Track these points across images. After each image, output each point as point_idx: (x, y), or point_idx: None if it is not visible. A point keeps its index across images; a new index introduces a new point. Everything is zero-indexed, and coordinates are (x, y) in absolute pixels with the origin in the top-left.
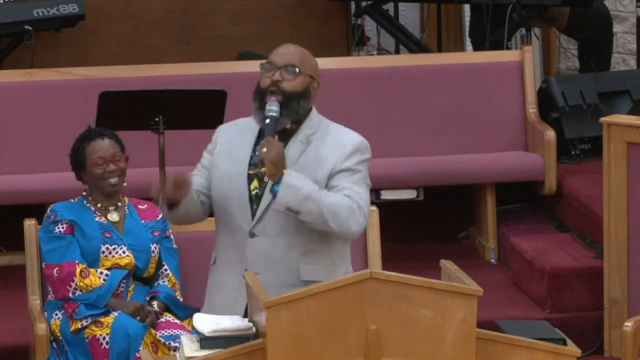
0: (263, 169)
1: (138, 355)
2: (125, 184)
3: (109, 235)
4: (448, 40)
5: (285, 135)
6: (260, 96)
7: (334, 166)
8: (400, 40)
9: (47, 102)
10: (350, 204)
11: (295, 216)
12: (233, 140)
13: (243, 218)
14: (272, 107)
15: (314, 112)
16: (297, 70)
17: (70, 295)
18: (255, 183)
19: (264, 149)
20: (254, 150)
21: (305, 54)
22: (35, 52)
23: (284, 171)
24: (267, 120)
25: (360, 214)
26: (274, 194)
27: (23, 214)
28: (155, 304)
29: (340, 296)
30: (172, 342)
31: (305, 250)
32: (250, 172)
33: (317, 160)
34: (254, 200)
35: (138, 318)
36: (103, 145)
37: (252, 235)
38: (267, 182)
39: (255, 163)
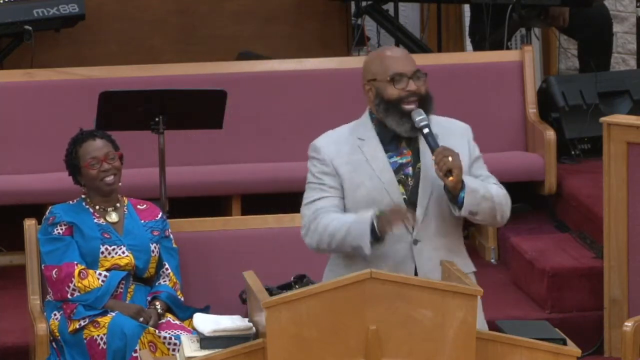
0: (450, 178)
1: (135, 355)
2: (120, 183)
3: (108, 236)
4: (448, 40)
5: (411, 140)
6: (394, 107)
7: (470, 155)
8: (400, 40)
9: (47, 102)
10: (505, 192)
11: (471, 218)
12: (348, 155)
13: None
14: (421, 117)
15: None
16: (422, 73)
17: (69, 296)
18: (401, 189)
19: (450, 158)
20: (389, 157)
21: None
22: (35, 52)
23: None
24: (426, 130)
25: (509, 199)
26: (460, 201)
27: (23, 214)
28: (157, 304)
29: (340, 296)
30: (173, 338)
31: (454, 249)
32: (397, 178)
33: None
34: (407, 206)
35: (141, 320)
36: (95, 146)
37: (415, 242)
38: (412, 187)
39: (395, 169)
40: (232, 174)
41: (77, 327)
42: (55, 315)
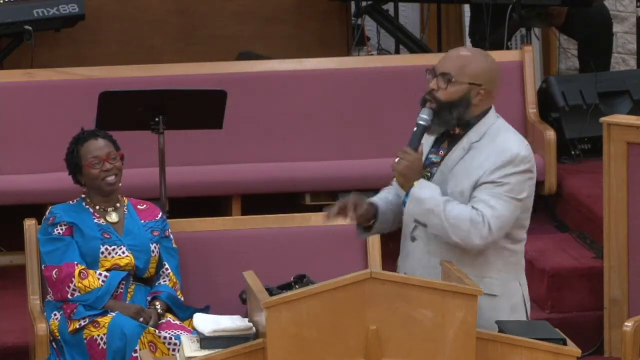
0: (394, 179)
1: (135, 355)
2: (120, 184)
3: (108, 236)
4: (448, 40)
5: (452, 140)
6: (422, 101)
7: (481, 177)
8: (400, 40)
9: (47, 102)
10: (474, 216)
11: (424, 228)
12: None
13: (407, 221)
14: (423, 116)
15: (489, 116)
16: (451, 79)
17: (69, 296)
18: None
19: (396, 159)
20: (430, 152)
21: (469, 59)
22: (35, 52)
23: (415, 182)
24: (415, 128)
25: (485, 226)
26: (403, 204)
27: (23, 214)
28: (157, 304)
29: (340, 296)
30: (173, 338)
31: (456, 251)
32: (423, 174)
33: (470, 169)
34: None
35: (141, 320)
36: (97, 145)
37: (412, 239)
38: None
39: (426, 165)
40: (232, 174)
41: (77, 327)
42: (55, 315)
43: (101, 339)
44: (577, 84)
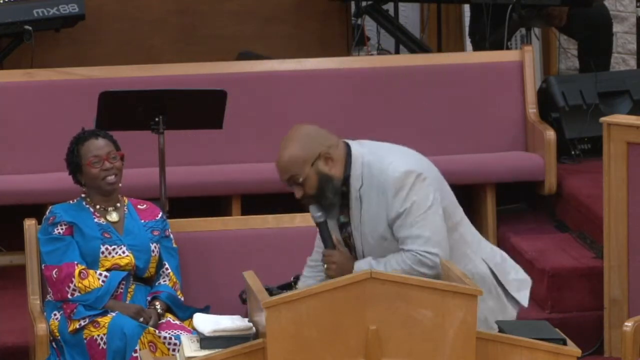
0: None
1: (135, 355)
2: (120, 184)
3: (109, 236)
4: (448, 40)
5: (345, 198)
6: (307, 207)
7: (387, 218)
8: (400, 40)
9: (47, 102)
10: (409, 261)
11: None
12: None
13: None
14: (315, 214)
15: (354, 161)
16: (298, 179)
17: (69, 296)
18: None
19: (325, 267)
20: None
21: (292, 153)
22: (35, 52)
23: (354, 271)
24: (318, 230)
25: (426, 258)
26: None
27: (23, 214)
28: (157, 304)
29: (340, 296)
30: (172, 338)
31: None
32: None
33: (374, 217)
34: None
35: (141, 320)
36: (98, 144)
37: None
38: (352, 244)
39: (341, 225)
40: (232, 174)
41: (77, 327)
42: (55, 315)
43: (101, 339)
44: (577, 84)
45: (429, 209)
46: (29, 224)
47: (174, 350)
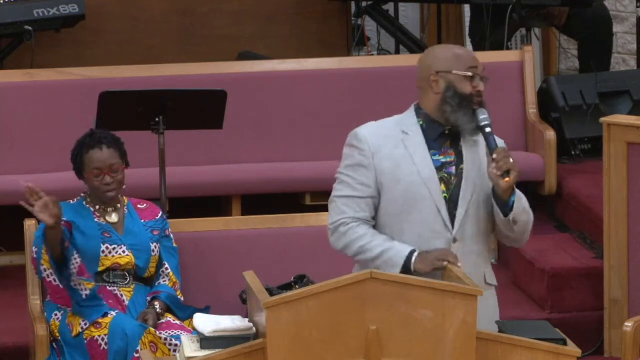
0: (507, 179)
1: (136, 355)
2: (124, 186)
3: (108, 235)
4: (448, 40)
5: (451, 138)
6: (466, 101)
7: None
8: (400, 40)
9: (47, 102)
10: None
11: (508, 228)
12: (391, 149)
13: (437, 222)
14: (485, 115)
15: None
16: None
17: (41, 268)
18: (442, 186)
19: (511, 160)
20: (432, 154)
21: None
22: (35, 52)
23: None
24: (488, 130)
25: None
26: (510, 204)
27: (23, 214)
28: (157, 304)
29: (340, 296)
30: (172, 339)
31: (483, 257)
32: (439, 176)
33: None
34: (447, 204)
35: (141, 320)
36: (101, 156)
37: (454, 240)
38: (454, 186)
39: (437, 166)
40: (232, 174)
41: (79, 330)
42: (55, 315)
43: (102, 339)
44: (577, 84)
45: None
46: (29, 224)
47: (174, 350)
